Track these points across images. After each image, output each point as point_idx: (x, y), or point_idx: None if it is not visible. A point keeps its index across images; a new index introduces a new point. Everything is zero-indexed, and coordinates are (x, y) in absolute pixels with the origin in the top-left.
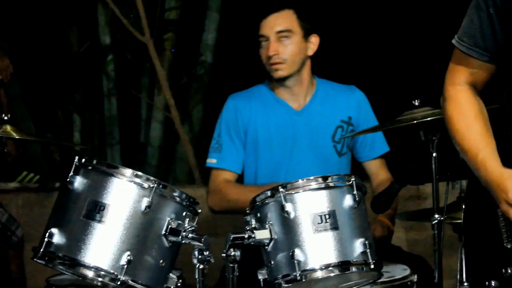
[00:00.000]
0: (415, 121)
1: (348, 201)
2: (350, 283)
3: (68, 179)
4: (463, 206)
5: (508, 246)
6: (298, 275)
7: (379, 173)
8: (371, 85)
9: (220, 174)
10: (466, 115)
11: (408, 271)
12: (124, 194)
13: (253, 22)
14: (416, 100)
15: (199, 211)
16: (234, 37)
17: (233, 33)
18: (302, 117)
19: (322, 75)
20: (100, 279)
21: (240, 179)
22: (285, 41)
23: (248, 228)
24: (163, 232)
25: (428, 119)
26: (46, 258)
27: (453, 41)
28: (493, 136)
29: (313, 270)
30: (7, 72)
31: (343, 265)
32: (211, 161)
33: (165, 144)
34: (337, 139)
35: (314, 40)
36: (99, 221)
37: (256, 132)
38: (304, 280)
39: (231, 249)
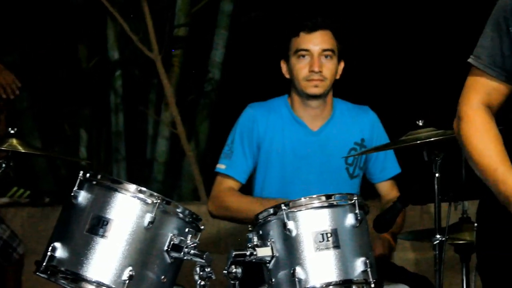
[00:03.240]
0: (418, 142)
1: (350, 220)
2: None
3: (72, 194)
4: (475, 227)
5: None
6: None
7: (389, 194)
8: (375, 104)
9: (226, 181)
10: (484, 134)
11: None
12: (128, 209)
13: (285, 35)
14: (420, 121)
15: (202, 227)
16: (242, 55)
17: (241, 51)
18: (318, 138)
19: None
20: None
21: (245, 191)
22: (328, 60)
23: (250, 245)
24: (165, 248)
25: (432, 139)
26: (49, 272)
27: (470, 59)
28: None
29: None
30: (12, 87)
31: (344, 284)
32: (221, 166)
33: (171, 160)
34: (350, 162)
35: (342, 65)
36: (102, 236)
37: (270, 147)
38: None
39: (233, 266)
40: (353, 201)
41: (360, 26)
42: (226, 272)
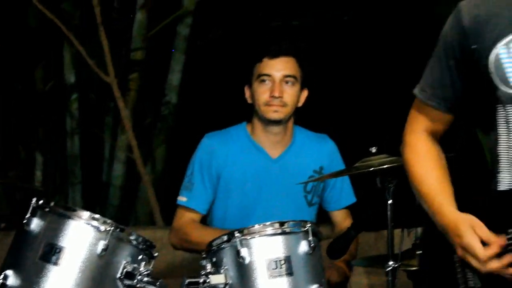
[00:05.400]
0: (371, 168)
1: (303, 247)
2: None
3: (25, 221)
4: (419, 252)
5: None
6: None
7: (343, 223)
8: (329, 131)
9: (187, 214)
10: (425, 161)
11: None
12: (81, 236)
13: (248, 61)
14: (373, 147)
15: (156, 254)
16: (199, 79)
17: (198, 75)
18: (277, 165)
19: None
20: None
21: (205, 222)
22: (290, 86)
23: (203, 273)
24: (119, 275)
25: (385, 166)
26: None
27: (414, 90)
28: (451, 184)
29: None
30: None
31: None
32: (182, 199)
33: (127, 184)
34: (308, 189)
35: (305, 93)
36: (55, 264)
37: (230, 176)
38: None
39: None
40: (306, 228)
41: (320, 54)
42: None
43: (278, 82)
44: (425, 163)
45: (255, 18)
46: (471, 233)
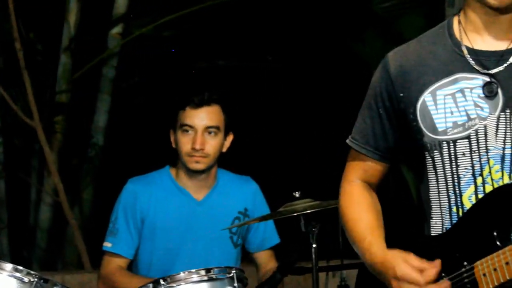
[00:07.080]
0: (295, 213)
1: None
2: None
3: None
4: None
5: None
6: None
7: (268, 264)
8: (253, 175)
9: (113, 260)
10: (358, 206)
11: None
12: None
13: (171, 108)
14: (296, 192)
15: None
16: (125, 120)
17: (124, 116)
18: (202, 208)
19: None
20: None
21: (130, 267)
22: (212, 136)
23: None
24: None
25: (308, 211)
26: None
27: (347, 140)
28: (383, 228)
29: None
30: None
31: None
32: (107, 245)
33: (55, 227)
34: (233, 231)
35: (230, 138)
36: None
37: (155, 220)
38: None
39: None
40: (232, 274)
41: (245, 95)
42: None
43: (200, 133)
44: (358, 208)
45: (181, 60)
46: (405, 263)
